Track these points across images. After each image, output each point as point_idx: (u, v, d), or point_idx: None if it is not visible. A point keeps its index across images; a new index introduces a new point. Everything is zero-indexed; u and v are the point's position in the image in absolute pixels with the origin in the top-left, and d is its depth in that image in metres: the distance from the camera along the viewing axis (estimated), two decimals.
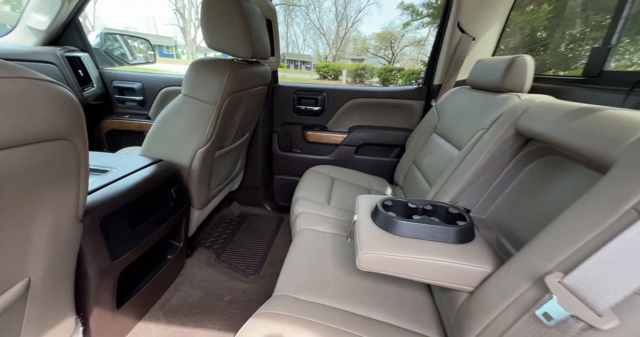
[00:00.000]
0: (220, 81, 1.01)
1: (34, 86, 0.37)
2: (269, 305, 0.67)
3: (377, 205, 0.78)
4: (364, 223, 0.76)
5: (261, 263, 1.35)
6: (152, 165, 0.96)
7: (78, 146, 0.45)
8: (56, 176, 0.43)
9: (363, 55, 29.80)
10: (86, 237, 0.65)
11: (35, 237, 0.46)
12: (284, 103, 1.74)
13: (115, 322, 0.80)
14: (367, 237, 0.69)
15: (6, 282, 0.44)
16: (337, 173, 1.59)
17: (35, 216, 0.43)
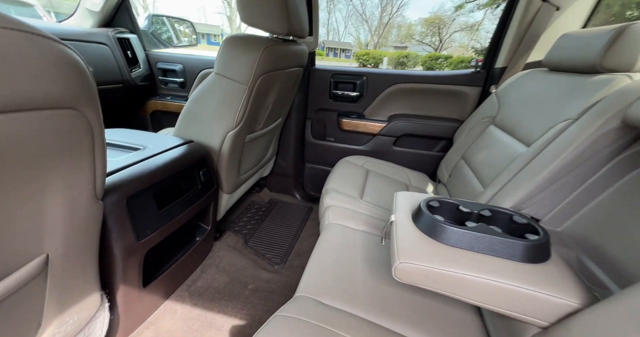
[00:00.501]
0: (253, 59, 0.94)
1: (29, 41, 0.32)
2: (290, 307, 0.61)
3: (421, 205, 0.66)
4: (403, 225, 0.64)
5: (287, 253, 1.31)
6: (182, 145, 0.94)
7: (89, 118, 0.41)
8: (65, 149, 0.40)
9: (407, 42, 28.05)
10: (112, 216, 0.64)
11: (49, 214, 0.43)
12: (320, 87, 1.64)
13: (142, 301, 0.81)
14: (406, 243, 0.58)
15: (22, 257, 0.43)
16: (372, 165, 1.46)
17: (46, 191, 0.40)
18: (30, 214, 0.40)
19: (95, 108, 0.41)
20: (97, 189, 0.50)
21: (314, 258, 0.78)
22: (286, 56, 1.11)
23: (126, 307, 0.75)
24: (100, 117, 0.44)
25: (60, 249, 0.47)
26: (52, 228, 0.45)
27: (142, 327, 0.85)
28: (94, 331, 0.66)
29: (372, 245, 0.85)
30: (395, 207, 0.72)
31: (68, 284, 0.53)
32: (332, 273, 0.72)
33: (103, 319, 0.67)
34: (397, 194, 0.79)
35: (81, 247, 0.52)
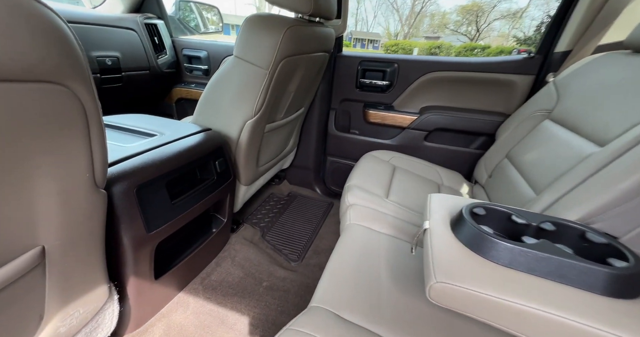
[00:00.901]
0: (275, 40, 0.86)
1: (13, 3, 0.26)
2: (303, 320, 0.54)
3: (463, 212, 0.55)
4: (440, 235, 0.54)
5: (305, 250, 1.25)
6: (199, 133, 0.90)
7: (80, 95, 0.35)
8: (54, 131, 0.35)
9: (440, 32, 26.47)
10: (120, 206, 0.60)
11: (42, 204, 0.39)
12: (346, 76, 1.53)
13: (154, 293, 0.79)
14: (445, 257, 0.48)
15: (14, 249, 0.39)
16: (399, 161, 1.34)
17: (33, 178, 0.36)
18: (19, 203, 0.36)
19: (86, 84, 0.36)
20: (97, 177, 0.45)
21: (332, 263, 0.71)
22: (311, 38, 1.02)
23: (137, 299, 0.73)
24: (95, 96, 0.38)
25: (58, 241, 0.44)
26: (47, 219, 0.41)
27: (155, 319, 0.83)
28: (103, 322, 0.64)
29: (399, 252, 0.76)
30: (429, 212, 0.62)
31: (70, 277, 0.50)
32: (353, 282, 0.64)
33: (112, 311, 0.65)
34: (431, 196, 0.68)
35: (82, 239, 0.48)
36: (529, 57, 1.18)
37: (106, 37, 1.43)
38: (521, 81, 1.21)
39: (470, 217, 0.53)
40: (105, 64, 1.41)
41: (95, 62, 1.37)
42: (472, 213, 0.55)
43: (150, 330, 0.80)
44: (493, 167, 1.10)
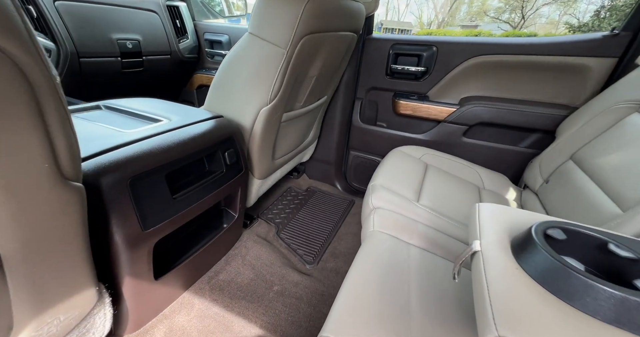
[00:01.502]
0: (294, 14, 0.74)
1: None
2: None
3: (533, 234, 0.40)
4: (497, 262, 0.41)
5: (321, 252, 1.15)
6: (208, 121, 0.81)
7: (18, 61, 0.26)
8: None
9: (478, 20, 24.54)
10: (110, 200, 0.53)
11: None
12: (375, 61, 1.36)
13: (154, 293, 0.73)
14: (509, 299, 0.35)
15: None
16: (432, 159, 1.18)
17: None
18: None
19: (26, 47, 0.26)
20: (64, 167, 0.37)
21: (350, 282, 0.59)
22: (337, 13, 0.88)
23: (135, 300, 0.67)
24: (47, 66, 0.29)
25: (16, 245, 0.36)
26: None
27: (156, 320, 0.78)
28: (94, 327, 0.58)
29: (433, 271, 0.62)
30: (480, 228, 0.48)
31: (40, 283, 0.43)
32: (374, 307, 0.52)
33: (104, 314, 0.59)
34: (479, 207, 0.53)
35: (52, 240, 0.41)
36: (611, 34, 0.94)
37: (127, 18, 1.38)
38: (598, 65, 0.98)
39: (544, 240, 0.39)
40: (126, 47, 1.38)
41: (115, 44, 1.34)
42: (546, 236, 0.40)
43: (150, 332, 0.75)
44: (552, 170, 0.90)
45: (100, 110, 0.82)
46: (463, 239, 0.76)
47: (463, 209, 0.88)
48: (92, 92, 1.37)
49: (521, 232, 0.44)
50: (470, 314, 0.54)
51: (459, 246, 0.72)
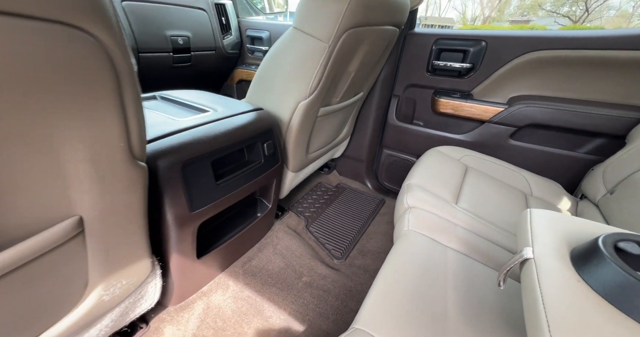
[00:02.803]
0: (339, 7, 0.74)
1: None
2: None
3: (600, 245, 0.37)
4: (554, 273, 0.38)
5: (350, 249, 1.15)
6: (249, 112, 0.85)
7: (106, 45, 0.29)
8: (74, 88, 0.30)
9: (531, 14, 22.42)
10: (165, 182, 0.58)
11: (72, 173, 0.36)
12: (416, 58, 1.31)
13: (196, 271, 0.79)
14: (566, 310, 0.32)
15: (49, 217, 0.37)
16: (473, 161, 1.12)
17: (57, 142, 0.32)
18: (47, 171, 0.33)
19: (113, 33, 0.30)
20: (134, 148, 0.41)
21: (383, 278, 0.58)
22: (381, 7, 0.86)
23: (180, 275, 0.73)
24: (128, 52, 0.32)
25: (95, 212, 0.41)
26: (81, 188, 0.38)
27: (196, 296, 0.84)
28: (146, 294, 0.64)
29: (474, 277, 0.59)
30: (532, 234, 0.45)
31: (111, 248, 0.49)
32: (409, 307, 0.51)
33: (155, 284, 0.65)
34: (531, 213, 0.49)
35: (121, 212, 0.46)
36: None
37: (180, 16, 1.49)
38: None
39: (615, 255, 0.35)
40: (177, 43, 1.48)
41: (169, 40, 1.45)
42: (617, 249, 0.36)
43: (191, 306, 0.81)
44: (619, 180, 0.81)
45: (155, 100, 0.90)
46: (507, 247, 0.71)
47: (507, 216, 0.82)
48: (145, 84, 1.50)
49: (584, 242, 0.40)
50: (513, 325, 0.51)
51: (503, 254, 0.68)
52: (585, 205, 0.90)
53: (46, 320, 0.44)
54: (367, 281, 0.98)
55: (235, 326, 0.78)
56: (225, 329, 0.77)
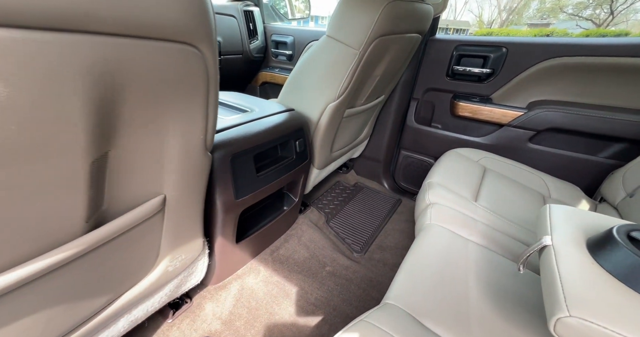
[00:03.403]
0: (371, 17, 0.81)
1: None
2: (379, 315, 0.50)
3: (615, 233, 0.42)
4: (571, 257, 0.43)
5: (369, 243, 1.21)
6: (283, 113, 0.93)
7: (206, 57, 0.37)
8: (182, 89, 0.38)
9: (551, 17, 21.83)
10: (217, 171, 0.66)
11: (168, 158, 0.44)
12: (436, 63, 1.37)
13: (234, 254, 0.87)
14: (582, 287, 0.38)
15: (146, 193, 0.46)
16: (492, 163, 1.15)
17: (164, 132, 0.40)
18: (154, 155, 0.41)
19: (212, 48, 0.37)
20: (208, 141, 0.49)
21: (409, 262, 0.64)
22: (409, 16, 0.93)
23: (221, 257, 0.81)
24: (217, 60, 0.40)
25: (175, 193, 0.50)
26: (170, 172, 0.46)
27: (232, 278, 0.92)
28: (195, 271, 0.73)
29: (494, 267, 0.64)
30: (551, 226, 0.50)
31: (179, 226, 0.57)
32: (435, 288, 0.57)
33: (203, 262, 0.74)
34: (550, 207, 0.54)
35: (191, 195, 0.54)
36: None
37: None
38: None
39: (629, 242, 0.40)
40: None
41: None
42: (630, 238, 0.41)
43: (228, 286, 0.89)
44: (639, 184, 0.83)
45: None
46: (526, 242, 0.75)
47: (525, 215, 0.86)
48: None
49: (599, 232, 0.45)
50: (530, 310, 0.55)
51: (522, 248, 0.72)
52: (604, 208, 0.93)
53: (129, 281, 0.53)
54: (387, 273, 1.04)
55: (267, 307, 0.85)
56: (259, 309, 0.84)
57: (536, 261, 0.69)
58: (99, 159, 0.34)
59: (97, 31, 0.25)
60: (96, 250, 0.42)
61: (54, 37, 0.23)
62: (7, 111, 0.23)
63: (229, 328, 0.79)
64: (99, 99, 0.29)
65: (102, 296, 0.48)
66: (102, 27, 0.26)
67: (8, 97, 0.23)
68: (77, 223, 0.36)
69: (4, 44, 0.21)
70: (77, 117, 0.28)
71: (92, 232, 0.39)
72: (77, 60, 0.25)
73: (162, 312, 0.77)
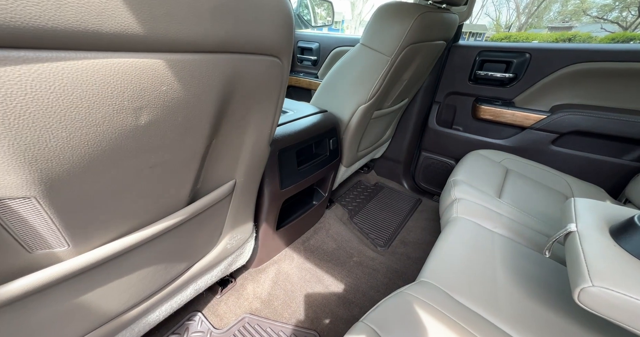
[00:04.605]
0: (404, 27, 0.88)
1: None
2: (416, 288, 0.57)
3: (636, 220, 0.47)
4: (594, 241, 0.48)
5: (391, 239, 1.27)
6: (318, 114, 1.01)
7: (284, 66, 0.46)
8: (265, 92, 0.47)
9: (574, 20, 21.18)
10: (269, 163, 0.75)
11: (244, 148, 0.53)
12: (459, 68, 1.42)
13: (273, 241, 0.96)
14: (604, 263, 0.43)
15: (224, 178, 0.55)
16: (514, 164, 1.20)
17: (247, 128, 0.49)
18: (236, 144, 0.51)
19: (288, 59, 0.46)
20: (271, 135, 0.58)
21: (439, 248, 0.71)
22: (437, 25, 1.00)
23: (263, 242, 0.90)
24: (289, 68, 0.49)
25: (242, 179, 0.59)
26: (242, 160, 0.55)
27: (269, 263, 1.01)
28: (244, 252, 0.82)
29: (519, 256, 0.70)
30: (576, 216, 0.55)
31: (239, 209, 0.66)
32: (464, 270, 0.63)
33: (251, 245, 0.82)
34: (575, 200, 0.60)
35: (252, 182, 0.63)
36: None
37: None
38: None
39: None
40: None
41: None
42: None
43: (266, 270, 0.98)
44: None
45: None
46: (550, 235, 0.80)
47: (549, 212, 0.90)
48: None
49: (621, 220, 0.50)
50: (555, 293, 0.61)
51: (545, 240, 0.77)
52: (631, 209, 0.96)
53: (201, 252, 0.62)
54: (411, 266, 1.10)
55: (302, 290, 0.93)
56: (294, 291, 0.92)
57: (560, 252, 0.73)
58: (208, 146, 0.43)
59: (232, 51, 0.35)
60: (187, 222, 0.51)
61: (212, 57, 0.33)
62: (179, 107, 0.33)
63: (268, 307, 0.88)
64: (222, 98, 0.38)
65: (184, 262, 0.57)
66: (237, 48, 0.35)
67: (181, 98, 0.32)
68: (184, 196, 0.46)
69: (183, 64, 0.30)
70: (209, 112, 0.37)
71: (190, 206, 0.48)
72: (220, 71, 0.34)
73: (212, 289, 0.86)
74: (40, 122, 0.23)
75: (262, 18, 0.36)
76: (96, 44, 0.23)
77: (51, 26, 0.20)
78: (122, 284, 0.45)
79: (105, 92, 0.25)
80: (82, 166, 0.27)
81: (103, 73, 0.24)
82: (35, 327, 0.36)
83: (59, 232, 0.31)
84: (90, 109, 0.25)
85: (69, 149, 0.25)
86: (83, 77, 0.23)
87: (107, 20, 0.22)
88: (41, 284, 0.32)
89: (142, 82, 0.27)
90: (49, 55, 0.21)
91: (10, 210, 0.26)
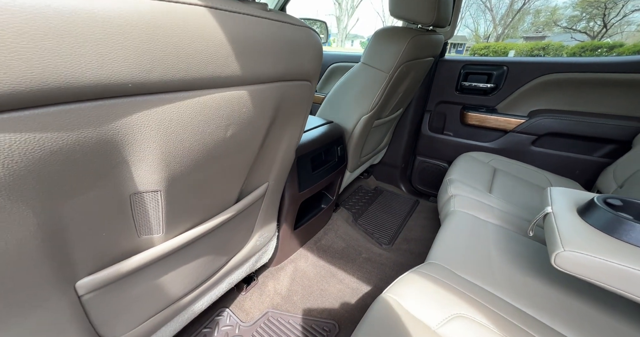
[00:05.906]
0: (399, 48, 1.03)
1: (308, 34, 0.49)
2: (426, 268, 0.67)
3: (596, 200, 0.60)
4: (565, 218, 0.60)
5: (395, 237, 1.37)
6: (326, 124, 1.13)
7: (312, 87, 0.58)
8: (299, 109, 0.58)
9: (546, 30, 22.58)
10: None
11: (278, 155, 0.64)
12: (445, 79, 1.59)
13: (290, 240, 1.05)
14: (572, 233, 0.55)
15: (261, 180, 0.65)
16: (500, 163, 1.34)
17: (284, 135, 0.60)
18: (275, 150, 0.61)
19: (316, 82, 0.58)
20: (297, 143, 0.69)
21: (442, 235, 0.82)
22: (426, 45, 1.15)
23: (282, 241, 0.99)
24: (315, 87, 0.61)
25: (273, 182, 0.69)
26: (275, 165, 0.65)
27: (287, 262, 1.09)
28: (267, 250, 0.90)
29: (509, 239, 0.81)
30: (551, 201, 0.68)
31: (268, 209, 0.75)
32: (465, 252, 0.74)
33: (273, 243, 0.91)
34: (550, 189, 0.73)
35: (280, 184, 0.73)
36: None
37: None
38: None
39: (605, 205, 0.58)
40: None
41: None
42: (607, 203, 0.59)
43: (285, 268, 1.06)
44: (627, 176, 1.01)
45: None
46: None
47: (531, 203, 1.03)
48: None
49: (585, 202, 0.63)
50: (537, 265, 0.72)
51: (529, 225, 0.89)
52: None
53: (237, 248, 0.71)
54: (415, 260, 1.20)
55: (318, 284, 1.02)
56: (311, 286, 1.01)
57: (541, 234, 0.85)
58: (257, 153, 0.53)
59: (284, 79, 0.46)
60: (232, 219, 0.60)
61: (273, 85, 0.44)
62: (249, 123, 0.43)
63: (288, 302, 0.96)
64: (273, 115, 0.49)
65: (225, 255, 0.66)
66: (286, 77, 0.46)
67: (252, 117, 0.43)
68: (234, 195, 0.55)
69: (257, 92, 0.41)
70: (264, 126, 0.48)
71: (236, 204, 0.58)
72: (275, 95, 0.46)
73: (238, 287, 0.94)
74: (180, 135, 0.33)
75: (303, 53, 0.48)
76: (216, 83, 0.34)
77: (198, 76, 0.31)
78: (185, 270, 0.54)
79: (215, 115, 0.35)
80: (189, 167, 0.37)
81: (217, 102, 0.35)
82: (130, 300, 0.44)
83: (161, 221, 0.40)
84: (205, 126, 0.35)
85: (188, 153, 0.35)
86: (207, 105, 0.34)
87: (225, 68, 0.33)
88: (143, 263, 0.41)
89: (232, 106, 0.38)
90: (190, 94, 0.32)
91: (142, 201, 0.35)
